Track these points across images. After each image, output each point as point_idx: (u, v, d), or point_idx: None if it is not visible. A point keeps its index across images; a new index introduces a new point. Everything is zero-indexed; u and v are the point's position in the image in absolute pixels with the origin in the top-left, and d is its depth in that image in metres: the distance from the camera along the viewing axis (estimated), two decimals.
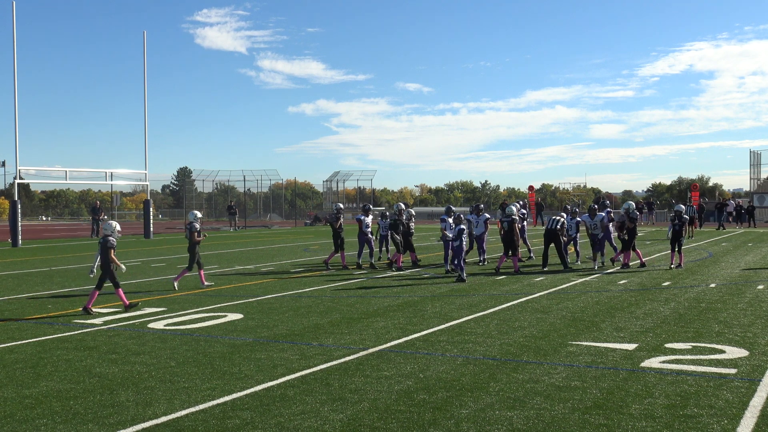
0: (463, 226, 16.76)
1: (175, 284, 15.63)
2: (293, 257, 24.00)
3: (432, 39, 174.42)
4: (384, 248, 21.51)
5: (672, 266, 18.62)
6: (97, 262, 12.52)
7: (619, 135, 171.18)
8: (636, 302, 12.95)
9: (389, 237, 20.16)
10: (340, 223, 19.75)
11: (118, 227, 12.79)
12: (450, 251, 17.95)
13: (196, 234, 15.78)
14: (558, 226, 18.86)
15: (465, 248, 17.17)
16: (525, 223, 22.08)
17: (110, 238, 12.49)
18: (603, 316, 11.54)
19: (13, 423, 6.35)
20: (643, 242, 29.08)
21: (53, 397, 7.13)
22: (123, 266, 12.62)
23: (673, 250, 18.77)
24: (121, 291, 12.56)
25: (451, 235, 17.80)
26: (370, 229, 19.92)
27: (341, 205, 20.78)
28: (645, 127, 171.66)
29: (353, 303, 13.27)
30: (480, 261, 20.56)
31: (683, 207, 19.32)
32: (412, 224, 19.88)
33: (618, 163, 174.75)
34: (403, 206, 20.09)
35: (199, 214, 16.22)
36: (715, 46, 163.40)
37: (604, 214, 19.58)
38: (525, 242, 21.85)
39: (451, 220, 18.56)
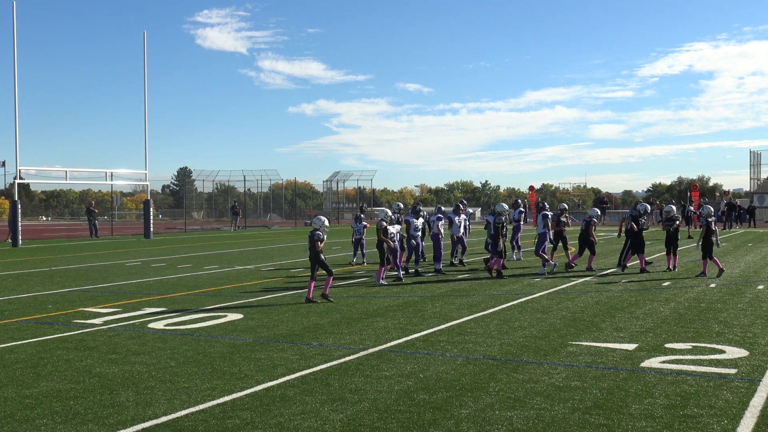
0: (398, 227, 16.98)
1: (382, 281, 16.25)
2: (293, 257, 23.99)
3: (432, 39, 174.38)
4: (360, 252, 20.86)
5: (704, 274, 16.89)
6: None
7: (618, 135, 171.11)
8: (636, 302, 12.95)
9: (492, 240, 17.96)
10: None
11: (326, 222, 13.69)
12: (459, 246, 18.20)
13: (382, 232, 16.48)
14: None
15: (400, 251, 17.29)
16: (521, 223, 21.86)
17: (318, 231, 13.34)
18: (603, 316, 11.54)
19: (13, 423, 6.35)
20: None
21: (53, 397, 7.13)
22: (323, 257, 13.44)
23: (705, 257, 16.92)
24: (331, 279, 13.54)
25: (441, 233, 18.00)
26: (419, 233, 18.49)
27: (401, 205, 19.71)
28: (645, 127, 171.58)
29: (353, 303, 13.27)
30: (460, 260, 20.41)
31: (711, 208, 17.40)
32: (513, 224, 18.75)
33: (618, 163, 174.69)
34: (506, 207, 18.44)
35: (390, 212, 16.96)
36: (714, 46, 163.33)
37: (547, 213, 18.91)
38: (517, 244, 21.59)
39: (441, 222, 18.60)
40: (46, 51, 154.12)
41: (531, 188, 53.33)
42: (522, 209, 21.97)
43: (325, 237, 13.33)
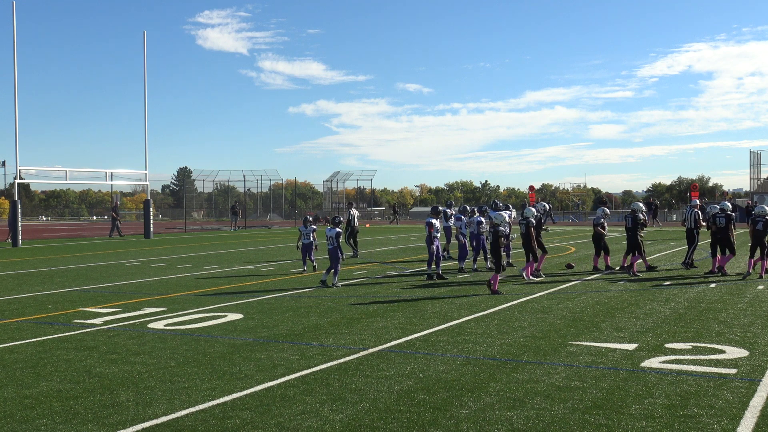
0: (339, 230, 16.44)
1: (531, 278, 16.37)
2: (293, 257, 23.97)
3: (432, 39, 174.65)
4: (309, 259, 18.85)
5: (763, 275, 16.24)
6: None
7: (618, 135, 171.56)
8: (636, 302, 12.94)
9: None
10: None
11: (507, 219, 14.55)
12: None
13: (600, 227, 17.84)
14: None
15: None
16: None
17: (500, 228, 14.35)
18: (603, 316, 11.53)
19: (13, 423, 6.35)
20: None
21: (53, 397, 7.12)
22: (503, 251, 14.56)
23: (762, 256, 16.30)
24: (497, 277, 14.37)
25: (463, 233, 18.10)
26: (439, 235, 17.22)
27: (546, 206, 18.85)
28: (644, 127, 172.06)
29: (353, 303, 13.27)
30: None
31: (766, 207, 16.38)
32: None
33: (617, 164, 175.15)
34: (642, 206, 17.79)
35: (608, 211, 18.03)
36: (713, 47, 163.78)
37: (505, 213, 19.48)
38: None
39: (465, 219, 18.65)
40: (46, 51, 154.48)
41: (531, 188, 53.34)
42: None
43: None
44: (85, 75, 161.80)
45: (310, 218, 18.96)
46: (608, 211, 18.08)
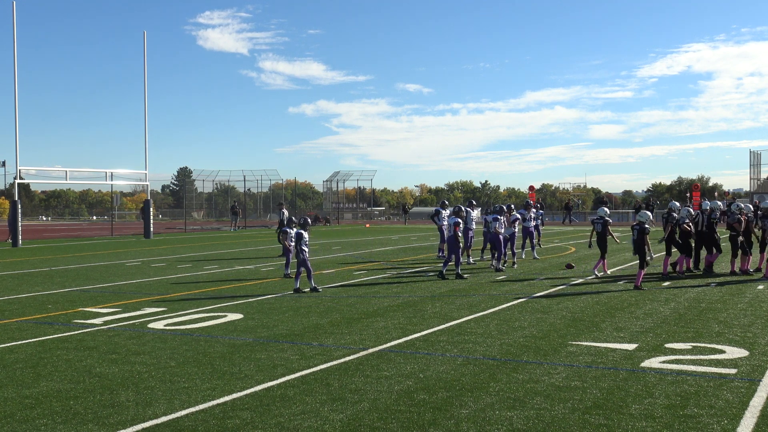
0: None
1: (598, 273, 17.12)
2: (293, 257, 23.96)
3: (432, 39, 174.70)
4: (286, 260, 17.89)
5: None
6: (629, 242, 15.05)
7: (618, 135, 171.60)
8: (636, 302, 12.94)
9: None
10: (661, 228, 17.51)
11: (651, 216, 15.11)
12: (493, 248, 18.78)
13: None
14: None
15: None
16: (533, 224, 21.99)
17: (646, 226, 14.94)
18: (603, 316, 11.53)
19: (13, 423, 6.35)
20: None
21: (53, 397, 7.12)
22: (652, 254, 15.10)
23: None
24: (642, 272, 14.88)
25: (503, 232, 18.66)
26: (446, 230, 16.85)
27: (678, 204, 18.04)
28: (644, 127, 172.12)
29: (353, 303, 13.27)
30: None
31: None
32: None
33: (617, 164, 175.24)
34: (719, 203, 17.53)
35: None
36: (712, 47, 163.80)
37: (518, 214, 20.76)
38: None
39: (503, 218, 18.77)
40: (46, 51, 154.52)
41: (531, 188, 53.33)
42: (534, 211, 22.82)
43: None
44: (85, 75, 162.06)
45: (294, 219, 17.88)
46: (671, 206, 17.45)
